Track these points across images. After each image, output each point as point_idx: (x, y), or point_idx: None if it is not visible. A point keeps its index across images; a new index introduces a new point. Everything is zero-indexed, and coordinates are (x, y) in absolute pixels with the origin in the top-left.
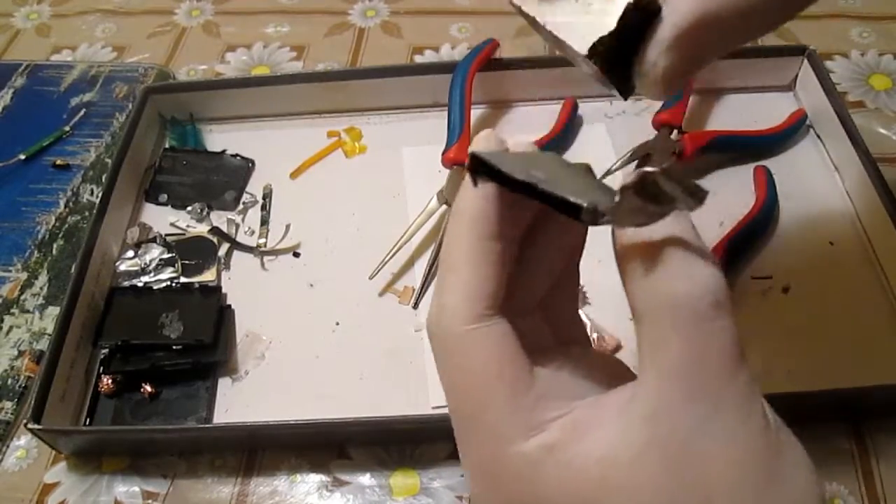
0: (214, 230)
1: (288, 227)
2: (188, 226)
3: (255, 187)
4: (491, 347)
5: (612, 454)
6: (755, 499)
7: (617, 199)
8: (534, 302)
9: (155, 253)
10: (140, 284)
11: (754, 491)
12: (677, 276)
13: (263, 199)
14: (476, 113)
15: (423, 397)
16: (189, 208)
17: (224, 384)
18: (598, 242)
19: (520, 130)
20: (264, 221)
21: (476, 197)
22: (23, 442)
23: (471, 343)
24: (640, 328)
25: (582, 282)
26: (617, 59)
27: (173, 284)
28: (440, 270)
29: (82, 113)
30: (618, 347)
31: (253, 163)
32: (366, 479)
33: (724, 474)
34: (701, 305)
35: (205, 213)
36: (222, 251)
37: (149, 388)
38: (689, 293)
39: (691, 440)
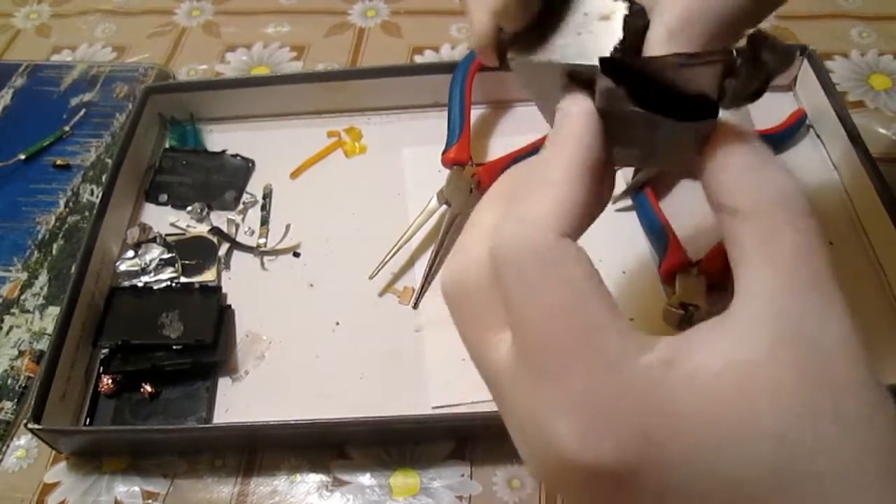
0: (214, 230)
1: (288, 227)
2: (188, 226)
3: (255, 187)
4: (583, 265)
5: (740, 359)
6: (876, 396)
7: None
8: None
9: (155, 253)
10: (140, 284)
11: (874, 391)
12: (782, 171)
13: (263, 199)
14: (476, 113)
15: (423, 397)
16: (189, 208)
17: (224, 384)
18: (598, 243)
19: (520, 130)
20: (264, 221)
21: (590, 112)
22: (23, 442)
23: (565, 257)
24: (746, 224)
25: None
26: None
27: (173, 284)
28: (522, 181)
29: (82, 113)
30: None
31: (253, 163)
32: (366, 479)
33: (850, 371)
34: (804, 199)
35: (205, 213)
36: (222, 251)
37: (149, 388)
38: (796, 187)
39: (817, 334)
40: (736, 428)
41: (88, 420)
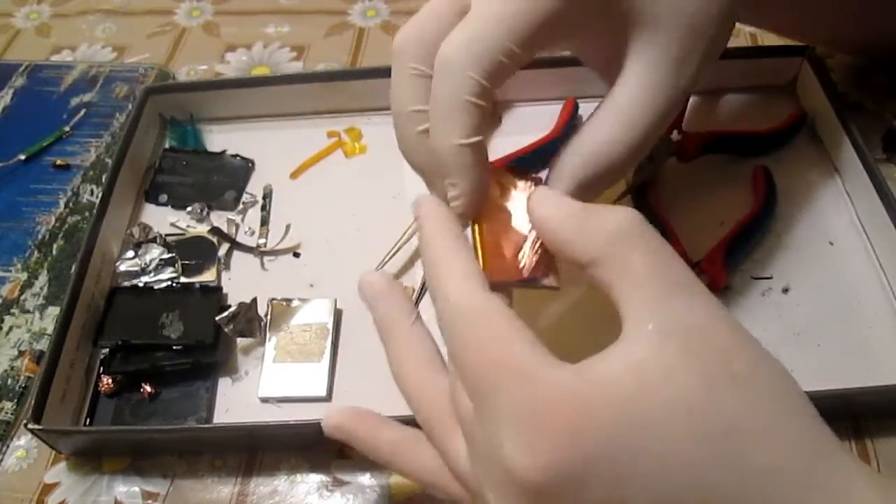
0: (214, 230)
1: (288, 227)
2: (188, 226)
3: (255, 187)
4: (504, 310)
5: (634, 359)
6: (759, 351)
7: None
8: None
9: (155, 253)
10: (140, 284)
11: (755, 348)
12: (610, 210)
13: (263, 199)
14: None
15: None
16: (189, 208)
17: (224, 384)
18: None
19: (520, 130)
20: (264, 221)
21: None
22: (23, 442)
23: (491, 308)
24: (604, 269)
25: None
26: None
27: (173, 284)
28: (428, 272)
29: (82, 113)
30: None
31: (253, 163)
32: (366, 479)
33: (728, 337)
34: (633, 226)
35: (205, 213)
36: (222, 251)
37: (149, 388)
38: (619, 221)
39: (689, 319)
40: (646, 414)
41: (88, 420)
